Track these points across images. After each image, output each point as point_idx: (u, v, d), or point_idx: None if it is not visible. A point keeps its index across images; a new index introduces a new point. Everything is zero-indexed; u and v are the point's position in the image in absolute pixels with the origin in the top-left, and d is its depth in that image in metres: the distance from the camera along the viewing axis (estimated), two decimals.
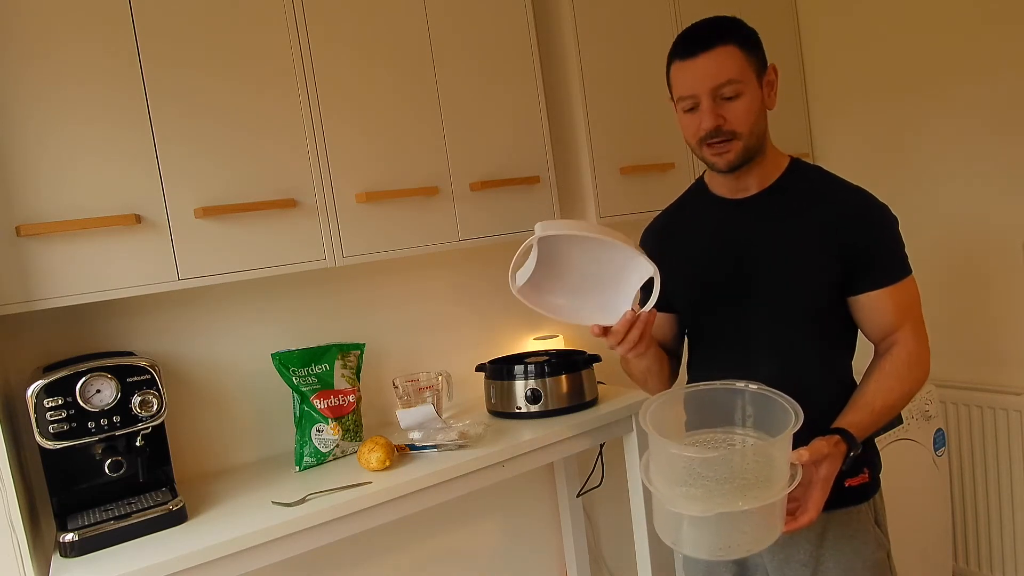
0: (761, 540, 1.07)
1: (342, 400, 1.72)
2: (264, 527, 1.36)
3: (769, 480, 1.04)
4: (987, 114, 2.19)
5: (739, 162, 1.22)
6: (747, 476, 1.05)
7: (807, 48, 2.63)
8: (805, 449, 1.07)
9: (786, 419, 1.06)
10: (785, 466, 1.05)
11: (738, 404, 1.18)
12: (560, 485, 2.24)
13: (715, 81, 1.17)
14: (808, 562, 1.25)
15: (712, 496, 1.03)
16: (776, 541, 1.07)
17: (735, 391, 1.18)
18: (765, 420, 1.13)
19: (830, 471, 1.10)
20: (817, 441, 1.09)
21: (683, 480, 1.06)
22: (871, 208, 1.23)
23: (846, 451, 1.12)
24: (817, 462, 1.09)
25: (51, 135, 1.35)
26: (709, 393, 1.20)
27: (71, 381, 1.36)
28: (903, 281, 1.22)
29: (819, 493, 1.09)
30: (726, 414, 1.19)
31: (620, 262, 1.24)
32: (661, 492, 1.07)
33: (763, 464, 1.06)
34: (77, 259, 1.38)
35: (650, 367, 1.39)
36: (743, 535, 1.05)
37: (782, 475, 1.05)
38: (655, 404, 1.15)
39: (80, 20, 1.37)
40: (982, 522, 2.29)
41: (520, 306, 2.25)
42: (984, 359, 2.31)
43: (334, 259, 1.65)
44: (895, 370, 1.21)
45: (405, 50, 1.75)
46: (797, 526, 1.08)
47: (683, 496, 1.05)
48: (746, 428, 1.17)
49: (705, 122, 1.19)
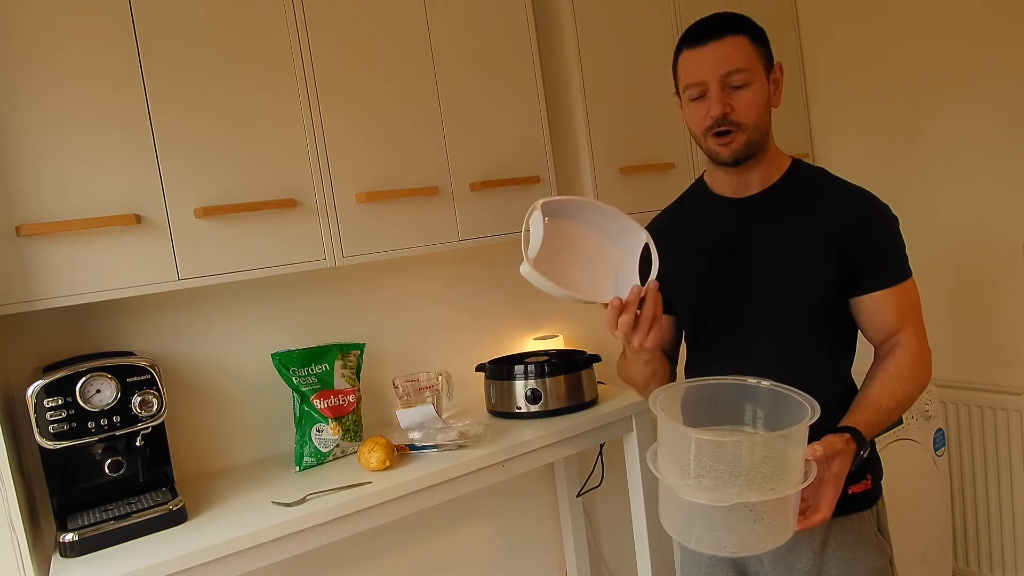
0: (774, 538, 1.02)
1: (342, 400, 1.72)
2: (264, 527, 1.36)
3: (782, 475, 1.00)
4: (988, 114, 2.19)
5: (743, 154, 1.21)
6: (759, 470, 1.01)
7: (807, 48, 2.63)
8: (819, 444, 1.04)
9: (800, 416, 1.02)
10: (799, 461, 1.01)
11: (748, 402, 1.14)
12: (560, 485, 2.24)
13: (725, 68, 1.17)
14: (810, 570, 1.23)
15: (726, 487, 0.99)
16: (784, 543, 1.03)
17: (746, 387, 1.13)
18: (777, 419, 1.09)
19: (842, 468, 1.08)
20: (830, 436, 1.07)
21: (695, 471, 1.02)
22: (872, 210, 1.22)
23: (856, 450, 1.10)
24: (830, 458, 1.06)
25: (52, 136, 1.35)
26: (719, 388, 1.15)
27: (71, 381, 1.36)
28: (904, 283, 1.21)
29: (831, 491, 1.06)
30: (735, 412, 1.14)
31: (618, 234, 1.25)
32: (672, 481, 1.03)
33: (776, 459, 1.02)
34: (77, 259, 1.38)
35: (655, 372, 1.34)
36: (754, 532, 1.01)
37: (796, 470, 1.01)
38: (664, 393, 1.11)
39: (81, 23, 1.37)
40: (982, 522, 2.29)
41: (520, 306, 2.27)
42: (984, 359, 2.31)
43: (334, 259, 1.65)
44: (899, 371, 1.19)
45: (405, 50, 1.75)
46: (809, 524, 1.05)
47: (695, 487, 1.00)
48: (756, 428, 1.13)
49: (713, 108, 1.18)
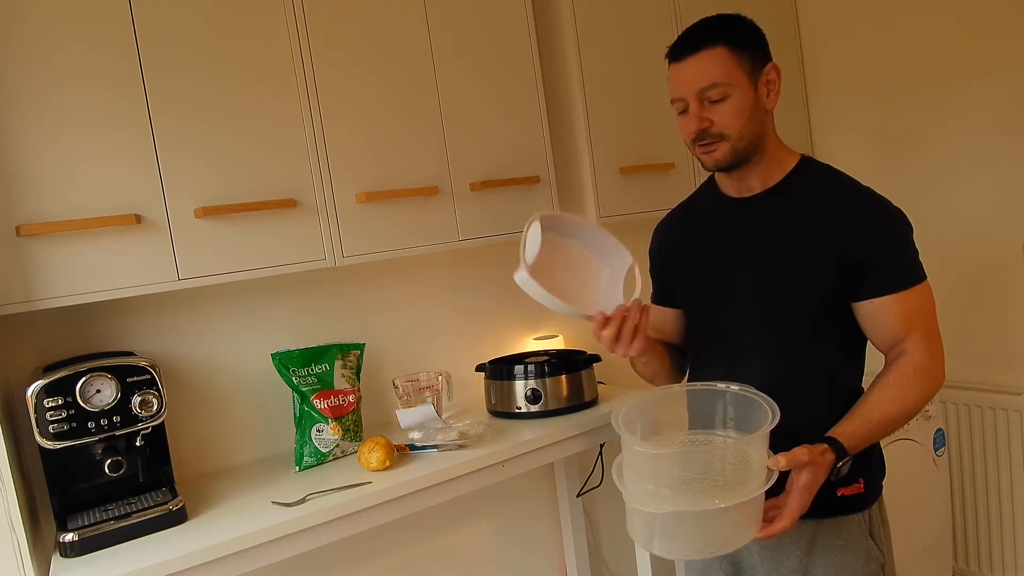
0: (731, 541, 1.05)
1: (342, 400, 1.72)
2: (264, 527, 1.36)
3: (745, 482, 1.03)
4: (989, 114, 2.19)
5: (727, 162, 1.22)
6: (722, 476, 1.03)
7: (807, 48, 2.63)
8: (783, 455, 1.04)
9: (765, 419, 1.04)
10: (761, 468, 1.03)
11: (719, 405, 1.16)
12: (560, 485, 2.24)
13: (699, 84, 1.18)
14: (798, 568, 1.23)
15: (681, 495, 1.02)
16: (752, 543, 1.06)
17: (716, 392, 1.16)
18: (747, 422, 1.11)
19: (811, 480, 1.06)
20: (798, 449, 1.06)
21: (653, 479, 1.06)
22: (876, 211, 1.19)
23: (833, 461, 1.09)
24: (797, 468, 1.06)
25: (52, 136, 1.35)
26: (690, 394, 1.19)
27: (71, 381, 1.36)
28: (911, 289, 1.17)
29: (796, 501, 1.06)
30: (707, 416, 1.17)
31: (608, 254, 1.31)
32: (631, 492, 1.07)
33: (738, 465, 1.04)
34: (77, 259, 1.38)
35: (656, 371, 1.40)
36: (714, 536, 1.04)
37: (758, 477, 1.02)
38: (628, 405, 1.15)
39: (81, 23, 1.37)
40: (982, 522, 2.29)
41: (520, 306, 2.27)
42: (984, 359, 2.31)
43: (334, 259, 1.65)
44: (898, 382, 1.17)
45: (405, 50, 1.75)
46: (770, 533, 1.06)
47: (652, 495, 1.04)
48: (727, 430, 1.15)
49: (691, 124, 1.21)
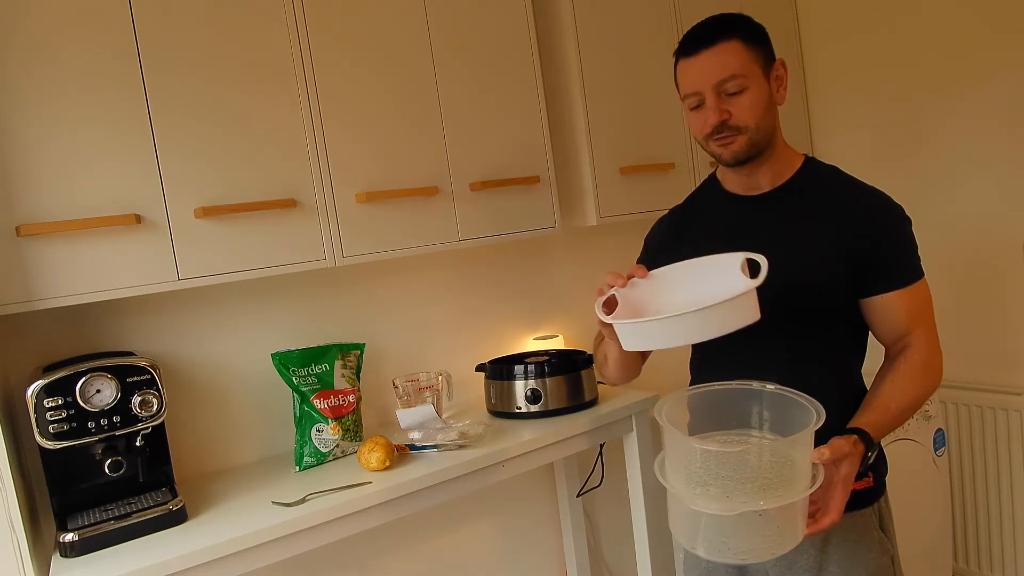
0: (782, 544, 1.02)
1: (342, 400, 1.72)
2: (264, 527, 1.36)
3: (790, 481, 1.00)
4: (990, 114, 2.19)
5: (745, 155, 1.21)
6: (767, 476, 1.01)
7: (807, 48, 2.63)
8: (826, 447, 1.04)
9: (806, 419, 1.03)
10: (806, 466, 1.01)
11: (754, 406, 1.14)
12: (560, 485, 2.24)
13: (718, 76, 1.17)
14: (811, 567, 1.23)
15: (733, 496, 0.99)
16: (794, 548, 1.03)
17: (751, 392, 1.13)
18: (783, 423, 1.09)
19: (850, 471, 1.07)
20: (836, 439, 1.06)
21: (701, 479, 1.02)
22: (884, 210, 1.21)
23: (864, 451, 1.09)
24: (838, 461, 1.06)
25: (52, 136, 1.35)
26: (723, 393, 1.15)
27: (71, 381, 1.36)
28: (915, 284, 1.20)
29: (840, 493, 1.06)
30: (742, 416, 1.14)
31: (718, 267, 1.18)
32: (680, 491, 1.04)
33: (783, 464, 1.02)
34: (77, 259, 1.38)
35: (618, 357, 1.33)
36: (764, 538, 1.01)
37: (803, 476, 1.01)
38: (670, 401, 1.11)
39: (82, 25, 1.37)
40: (982, 522, 2.29)
41: (520, 306, 2.27)
42: (984, 359, 2.31)
43: (334, 259, 1.65)
44: (909, 372, 1.18)
45: (405, 50, 1.75)
46: (818, 528, 1.05)
47: (702, 496, 1.01)
48: (763, 431, 1.13)
49: (710, 118, 1.19)
